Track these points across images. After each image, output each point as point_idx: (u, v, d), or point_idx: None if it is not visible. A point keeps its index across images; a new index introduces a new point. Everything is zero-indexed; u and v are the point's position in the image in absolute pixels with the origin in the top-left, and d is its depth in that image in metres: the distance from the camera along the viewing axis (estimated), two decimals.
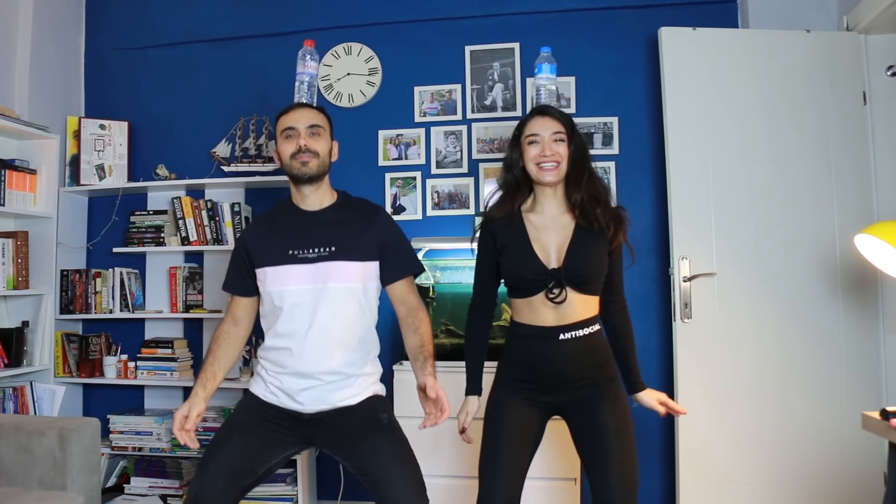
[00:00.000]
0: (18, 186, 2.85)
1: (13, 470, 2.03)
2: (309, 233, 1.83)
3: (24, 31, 2.99)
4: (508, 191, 1.83)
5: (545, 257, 1.73)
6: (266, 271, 1.82)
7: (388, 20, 3.11)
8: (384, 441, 1.74)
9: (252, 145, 3.10)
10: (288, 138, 1.84)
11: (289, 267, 1.80)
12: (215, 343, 1.85)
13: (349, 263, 1.80)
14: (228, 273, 1.92)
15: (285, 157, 1.84)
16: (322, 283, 1.78)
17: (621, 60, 2.97)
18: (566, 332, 1.71)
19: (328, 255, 1.80)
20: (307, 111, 1.88)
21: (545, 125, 1.76)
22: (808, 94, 2.62)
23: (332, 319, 1.78)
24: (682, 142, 2.61)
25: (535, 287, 1.72)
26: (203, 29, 3.24)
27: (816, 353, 2.56)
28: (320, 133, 1.86)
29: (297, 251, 1.81)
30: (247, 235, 1.92)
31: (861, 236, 1.88)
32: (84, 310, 3.04)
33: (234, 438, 1.76)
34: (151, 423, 2.92)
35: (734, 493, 2.53)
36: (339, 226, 1.84)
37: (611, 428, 1.68)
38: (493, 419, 1.76)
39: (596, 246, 1.74)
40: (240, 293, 1.90)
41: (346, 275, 1.79)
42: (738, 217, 2.59)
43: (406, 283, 1.90)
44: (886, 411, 1.53)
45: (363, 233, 1.84)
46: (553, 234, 1.75)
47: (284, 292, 1.79)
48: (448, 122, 3.05)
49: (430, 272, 2.79)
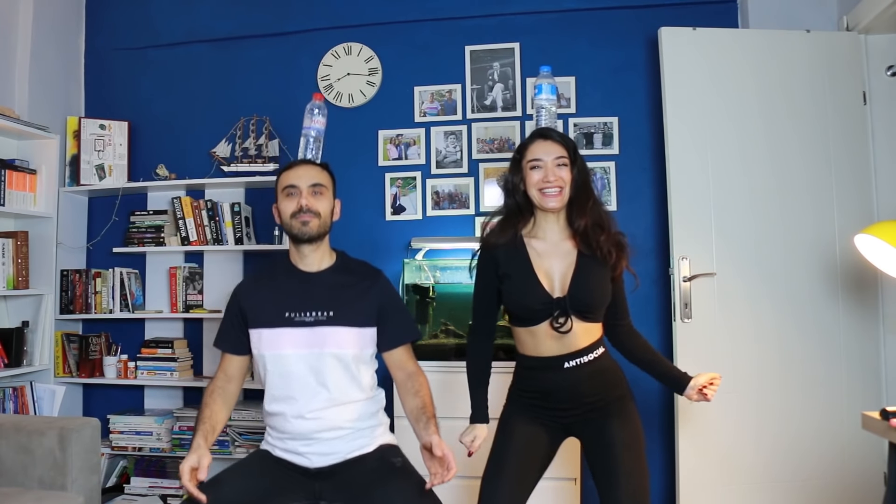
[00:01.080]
0: (18, 186, 2.85)
1: (13, 470, 2.03)
2: (307, 295, 1.77)
3: (24, 31, 2.99)
4: (510, 216, 1.78)
5: (549, 285, 1.70)
6: (261, 333, 1.76)
7: (388, 20, 3.11)
8: (400, 487, 1.66)
9: (252, 145, 3.10)
10: (289, 196, 1.78)
11: (285, 330, 1.74)
12: (210, 397, 1.77)
13: (347, 329, 1.74)
14: (221, 328, 1.86)
15: (286, 215, 1.78)
16: (319, 349, 1.72)
17: (621, 60, 2.97)
18: (570, 360, 1.70)
19: (326, 319, 1.74)
20: (310, 169, 1.82)
21: (548, 149, 1.72)
22: (808, 94, 2.62)
23: (328, 385, 1.73)
24: (682, 142, 2.61)
25: (540, 316, 1.69)
26: (203, 29, 3.24)
27: (816, 352, 2.56)
28: (323, 192, 1.80)
29: (294, 314, 1.75)
30: (242, 292, 1.85)
31: (861, 236, 1.88)
32: (84, 310, 3.04)
33: (240, 478, 1.70)
34: (151, 423, 2.92)
35: (734, 493, 2.53)
36: (337, 289, 1.79)
37: (620, 441, 1.65)
38: (502, 433, 1.75)
39: (600, 273, 1.71)
40: (233, 351, 1.83)
41: (343, 341, 1.74)
42: (738, 217, 2.59)
43: (404, 350, 1.84)
44: (886, 411, 1.53)
45: (362, 298, 1.79)
46: (556, 261, 1.72)
47: (279, 356, 1.74)
48: (448, 122, 3.05)
49: (430, 272, 2.79)
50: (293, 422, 1.73)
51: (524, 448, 1.70)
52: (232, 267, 3.14)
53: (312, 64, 3.13)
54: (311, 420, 1.72)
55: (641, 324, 2.78)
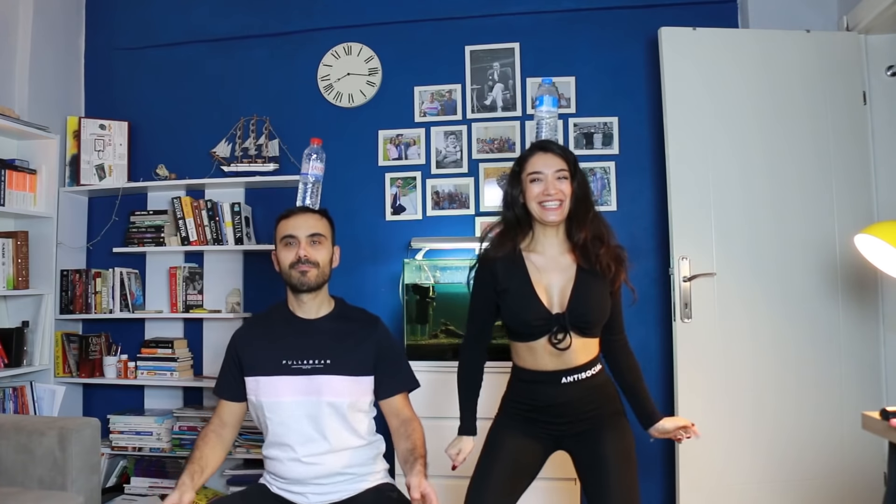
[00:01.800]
0: (18, 186, 2.85)
1: (13, 470, 2.03)
2: (305, 343, 1.77)
3: (25, 31, 2.99)
4: (508, 229, 1.76)
5: (548, 301, 1.69)
6: (258, 380, 1.75)
7: (388, 20, 3.11)
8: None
9: (252, 145, 3.10)
10: (287, 246, 1.77)
11: (281, 378, 1.74)
12: (202, 441, 1.77)
13: (343, 378, 1.74)
14: (220, 376, 1.86)
15: (284, 265, 1.77)
16: (316, 397, 1.72)
17: (621, 60, 2.97)
18: (568, 376, 1.69)
19: (323, 367, 1.73)
20: (308, 218, 1.80)
21: (548, 162, 1.69)
22: (808, 94, 2.62)
23: (325, 433, 1.72)
24: (682, 142, 2.61)
25: (539, 332, 1.68)
26: (203, 29, 3.24)
27: (816, 352, 2.56)
28: (321, 241, 1.79)
29: (292, 361, 1.74)
30: (239, 339, 1.85)
31: (861, 236, 1.88)
32: (84, 310, 3.04)
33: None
34: (151, 423, 2.92)
35: (734, 493, 2.53)
36: (335, 337, 1.78)
37: (611, 454, 1.65)
38: (490, 444, 1.74)
39: (599, 288, 1.69)
40: (229, 398, 1.82)
41: (339, 390, 1.73)
42: (738, 217, 2.59)
43: (401, 398, 1.82)
44: (886, 411, 1.53)
45: (359, 346, 1.78)
46: (555, 276, 1.71)
47: (276, 404, 1.73)
48: (448, 122, 3.05)
49: (430, 272, 2.79)
50: (290, 466, 1.72)
51: (512, 459, 1.69)
52: (232, 267, 3.14)
53: (312, 64, 3.14)
54: (308, 465, 1.72)
55: (641, 324, 2.82)
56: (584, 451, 1.70)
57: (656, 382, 2.85)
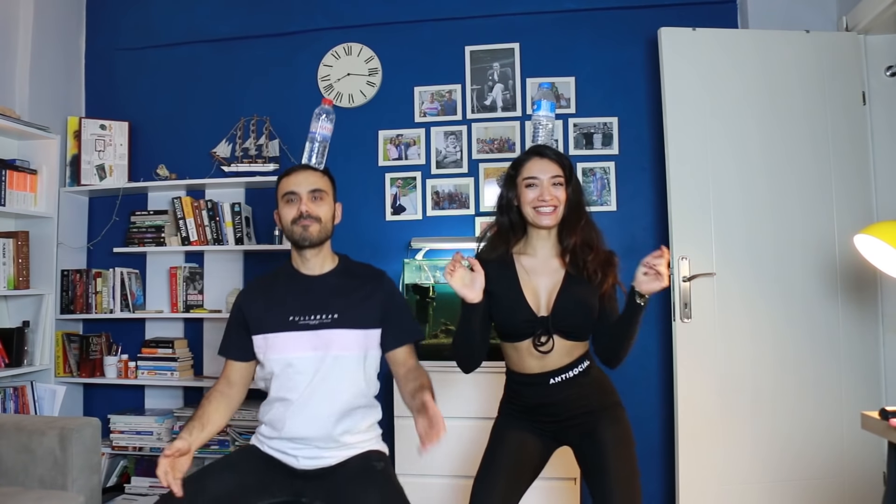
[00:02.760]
0: (19, 186, 2.86)
1: (14, 469, 2.04)
2: (310, 299, 1.78)
3: (25, 31, 2.99)
4: (502, 232, 1.77)
5: (535, 303, 1.70)
6: (265, 338, 1.76)
7: (388, 20, 3.11)
8: (378, 491, 1.66)
9: (252, 145, 3.10)
10: (289, 203, 1.78)
11: (289, 334, 1.75)
12: (206, 400, 1.76)
13: (351, 331, 1.75)
14: (225, 337, 1.86)
15: (286, 222, 1.79)
16: (323, 351, 1.73)
17: (621, 60, 2.97)
18: (556, 377, 1.70)
19: (330, 322, 1.75)
20: (309, 174, 1.81)
21: (544, 168, 1.70)
22: (808, 94, 2.62)
23: (331, 388, 1.73)
24: (682, 142, 2.61)
25: (523, 334, 1.69)
26: (203, 29, 3.24)
27: (816, 352, 2.56)
28: (322, 197, 1.80)
29: (298, 318, 1.76)
30: (244, 300, 1.85)
31: (860, 236, 1.88)
32: (84, 310, 3.05)
33: (224, 472, 1.70)
34: (152, 423, 2.92)
35: (734, 493, 2.53)
36: (341, 292, 1.79)
37: (610, 442, 1.65)
38: (493, 443, 1.75)
39: (586, 293, 1.70)
40: (236, 358, 1.82)
41: (348, 343, 1.75)
42: (738, 217, 2.60)
43: (407, 350, 1.84)
44: (886, 411, 1.53)
45: (366, 300, 1.80)
46: (544, 279, 1.72)
47: (284, 360, 1.74)
48: (448, 123, 3.05)
49: (430, 272, 2.80)
50: (289, 423, 1.73)
51: (515, 456, 1.70)
52: (232, 267, 3.14)
53: (312, 64, 3.14)
54: (307, 421, 1.72)
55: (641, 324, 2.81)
56: (584, 441, 1.71)
57: (656, 382, 2.86)
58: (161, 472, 1.55)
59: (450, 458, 2.46)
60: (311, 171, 1.84)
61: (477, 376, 2.42)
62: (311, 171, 1.84)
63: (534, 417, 1.74)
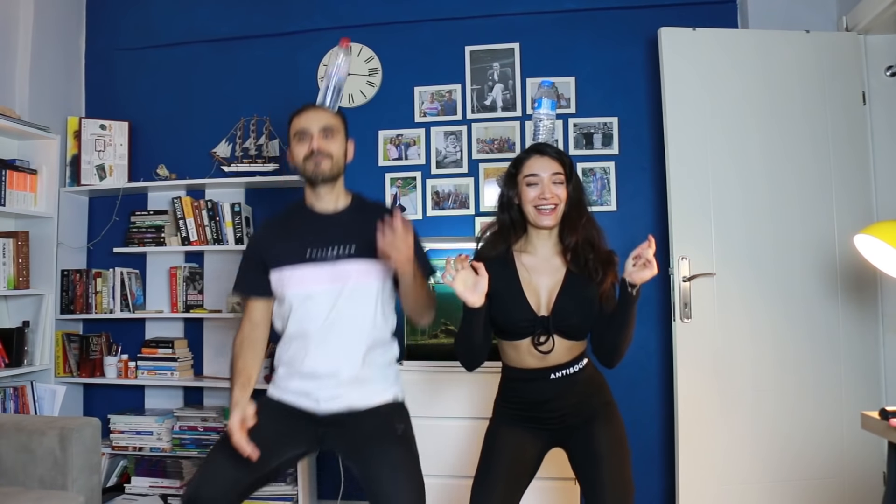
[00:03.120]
0: (19, 186, 2.86)
1: (14, 469, 2.04)
2: (326, 233, 1.80)
3: (25, 31, 2.99)
4: (502, 230, 1.77)
5: (535, 302, 1.70)
6: (283, 273, 1.79)
7: (388, 20, 3.11)
8: (394, 454, 1.70)
9: (252, 145, 3.10)
10: (300, 141, 1.81)
11: (307, 267, 1.77)
12: (240, 348, 1.81)
13: (370, 262, 1.77)
14: (240, 276, 1.89)
15: (298, 159, 1.81)
16: (342, 283, 1.75)
17: (621, 60, 2.97)
18: (555, 373, 1.70)
19: (347, 254, 1.77)
20: (320, 112, 1.85)
21: (544, 165, 1.70)
22: (808, 94, 2.62)
23: (350, 319, 1.76)
24: (682, 142, 2.61)
25: (523, 333, 1.69)
26: (203, 29, 3.24)
27: (816, 352, 2.56)
28: (334, 135, 1.82)
29: (315, 251, 1.78)
30: (260, 237, 1.89)
31: (860, 236, 1.88)
32: (84, 310, 3.04)
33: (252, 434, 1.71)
34: (152, 423, 2.92)
35: (734, 493, 2.53)
36: (357, 226, 1.81)
37: (604, 449, 1.65)
38: (489, 445, 1.75)
39: (587, 292, 1.69)
40: (255, 294, 1.85)
41: (367, 273, 1.77)
42: (738, 217, 2.60)
43: None
44: (886, 411, 1.54)
45: None
46: (545, 278, 1.72)
47: (303, 293, 1.76)
48: (448, 123, 3.05)
49: None
50: (309, 358, 1.74)
51: (512, 457, 1.70)
52: (232, 267, 3.09)
53: (312, 64, 3.14)
54: (327, 357, 1.74)
55: (641, 323, 2.78)
56: (577, 445, 1.70)
57: (656, 382, 2.86)
58: (241, 445, 1.61)
59: (449, 458, 2.46)
60: (322, 109, 1.87)
61: (477, 376, 2.42)
62: (322, 109, 1.87)
63: (530, 415, 1.73)
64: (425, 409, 2.51)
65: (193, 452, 2.88)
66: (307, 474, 2.81)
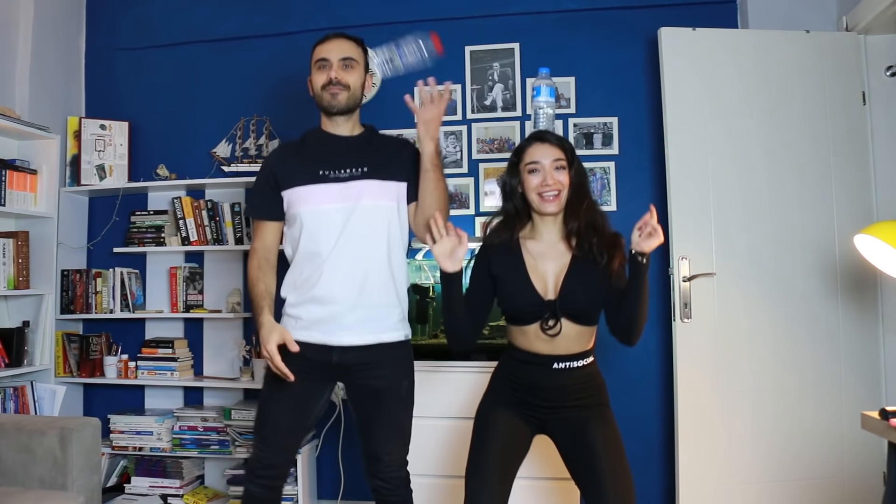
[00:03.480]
0: (19, 186, 2.85)
1: (14, 469, 2.04)
2: (339, 155, 1.83)
3: (25, 31, 2.99)
4: (507, 219, 1.79)
5: (542, 287, 1.70)
6: (295, 191, 1.81)
7: (388, 20, 3.10)
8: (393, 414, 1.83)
9: (252, 145, 3.10)
10: (320, 69, 1.84)
11: (319, 186, 1.80)
12: (258, 271, 1.83)
13: (383, 182, 1.80)
14: (253, 198, 1.92)
15: (316, 87, 1.85)
16: (354, 202, 1.78)
17: (621, 60, 2.97)
18: (560, 363, 1.70)
19: (360, 174, 1.80)
20: (342, 42, 1.86)
21: (545, 152, 1.72)
22: (808, 94, 2.62)
23: (363, 239, 1.78)
24: (682, 142, 2.61)
25: (531, 318, 1.70)
26: (203, 29, 3.24)
27: (816, 353, 2.56)
28: (353, 66, 1.85)
29: (328, 171, 1.80)
30: (273, 159, 1.91)
31: (860, 236, 1.88)
32: (84, 310, 3.04)
33: (278, 399, 1.81)
34: (152, 423, 2.92)
35: (734, 493, 2.53)
36: (370, 149, 1.86)
37: (599, 440, 1.65)
38: (481, 427, 1.75)
39: (593, 275, 1.70)
40: (268, 217, 1.87)
41: (379, 193, 1.80)
42: (738, 217, 2.60)
43: None
44: (886, 411, 1.54)
45: (395, 156, 1.87)
46: (551, 263, 1.73)
47: (314, 211, 1.79)
48: (448, 122, 3.05)
49: (430, 272, 2.79)
50: (321, 281, 1.76)
51: (505, 438, 1.70)
52: (232, 267, 3.14)
53: None
54: (339, 279, 1.76)
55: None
56: (570, 437, 1.70)
57: (656, 382, 2.86)
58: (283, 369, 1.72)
59: (448, 458, 2.46)
60: (344, 38, 1.88)
61: (477, 376, 2.43)
62: (345, 38, 1.88)
63: (524, 398, 1.73)
64: (424, 408, 2.50)
65: (193, 452, 2.88)
66: (307, 475, 2.81)
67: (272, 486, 1.84)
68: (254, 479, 1.82)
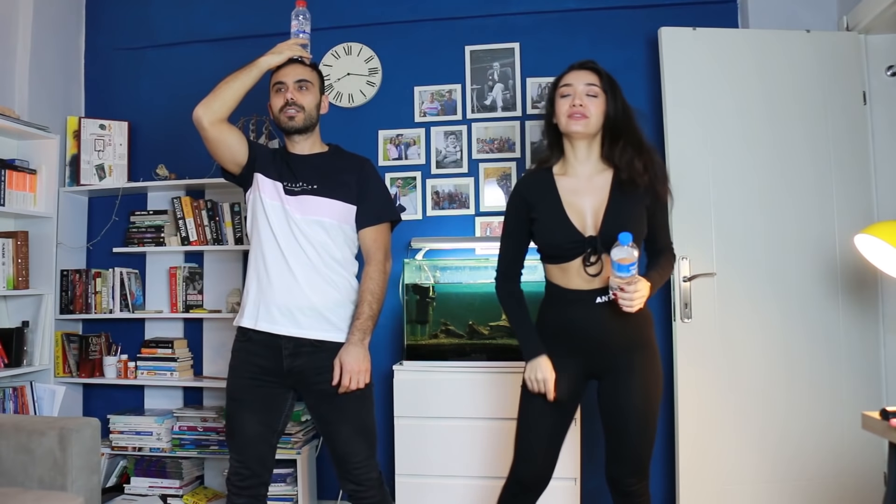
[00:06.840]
0: (18, 186, 2.85)
1: (13, 470, 2.03)
2: (295, 171, 1.95)
3: (25, 31, 2.99)
4: (542, 157, 1.79)
5: (580, 223, 1.67)
6: (263, 180, 1.94)
7: (388, 20, 3.11)
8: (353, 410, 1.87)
9: None
10: (277, 92, 1.96)
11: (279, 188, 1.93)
12: None
13: (329, 201, 1.91)
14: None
15: (275, 110, 1.97)
16: (302, 215, 1.89)
17: (621, 60, 2.96)
18: (602, 296, 1.66)
19: (311, 190, 1.91)
20: (297, 67, 1.98)
21: (579, 76, 1.70)
22: (809, 94, 2.62)
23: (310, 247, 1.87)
24: (682, 142, 2.61)
25: (571, 255, 1.67)
26: (203, 29, 3.24)
27: (816, 352, 2.56)
28: (308, 88, 1.96)
29: (286, 183, 1.93)
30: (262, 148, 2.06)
31: (861, 236, 1.88)
32: (84, 310, 3.04)
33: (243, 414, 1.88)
34: (151, 423, 2.92)
35: (734, 493, 2.53)
36: (324, 169, 1.96)
37: (636, 393, 1.68)
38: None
39: (634, 207, 1.67)
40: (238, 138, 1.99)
41: (326, 211, 1.90)
42: (739, 217, 2.60)
43: (374, 232, 1.96)
44: (886, 411, 1.53)
45: (346, 178, 1.95)
46: (588, 198, 1.69)
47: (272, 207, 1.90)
48: (448, 122, 3.05)
49: (430, 272, 2.79)
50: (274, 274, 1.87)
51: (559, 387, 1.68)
52: (232, 267, 3.14)
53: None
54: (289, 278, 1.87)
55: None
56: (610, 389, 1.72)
57: None
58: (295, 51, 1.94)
59: (448, 458, 2.46)
60: (299, 64, 1.99)
61: (477, 376, 2.43)
62: (300, 64, 1.99)
63: (570, 345, 1.70)
64: (424, 409, 2.51)
65: (193, 453, 2.88)
66: (307, 475, 2.81)
67: (256, 494, 1.90)
68: (238, 492, 1.88)
